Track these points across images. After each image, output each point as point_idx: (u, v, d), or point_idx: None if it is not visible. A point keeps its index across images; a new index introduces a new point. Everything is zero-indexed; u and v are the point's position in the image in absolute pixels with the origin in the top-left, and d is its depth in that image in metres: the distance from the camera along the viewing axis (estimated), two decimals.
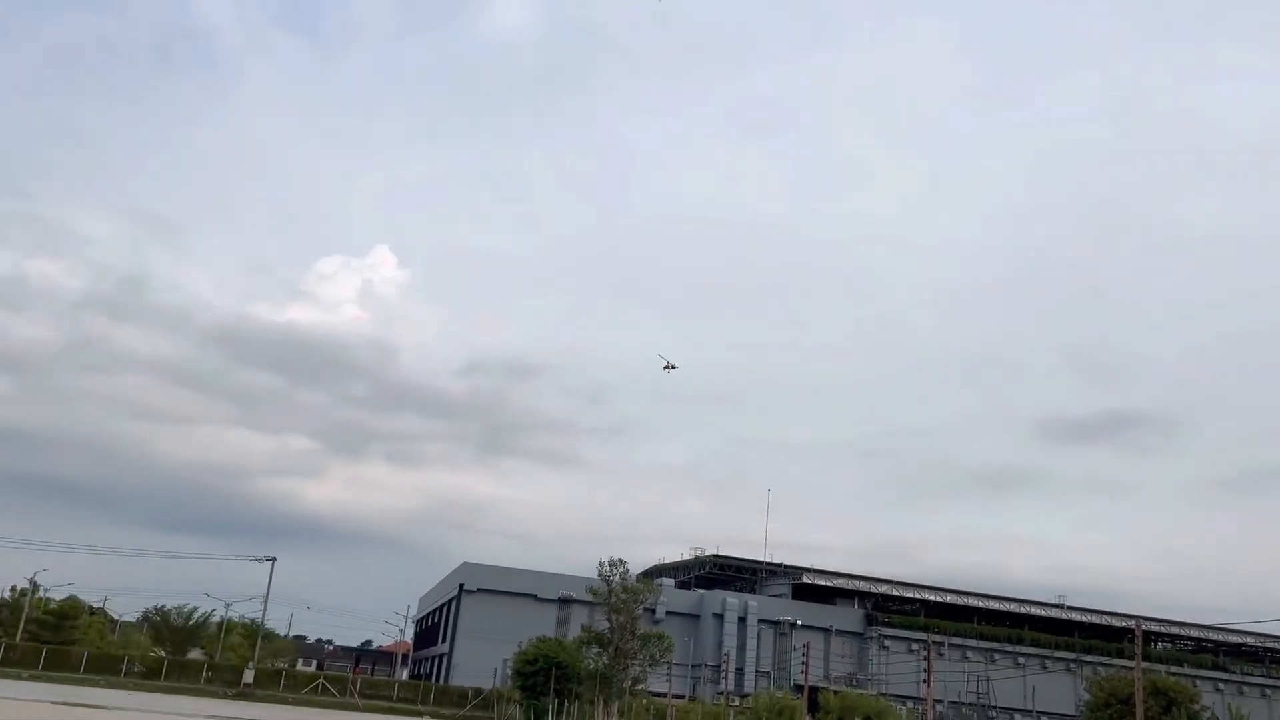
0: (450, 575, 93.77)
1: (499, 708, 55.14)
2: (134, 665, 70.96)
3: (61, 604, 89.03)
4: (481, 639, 79.72)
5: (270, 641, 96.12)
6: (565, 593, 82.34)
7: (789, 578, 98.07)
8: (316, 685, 72.01)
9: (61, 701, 32.51)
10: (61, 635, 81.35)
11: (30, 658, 69.57)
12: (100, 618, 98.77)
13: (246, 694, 60.86)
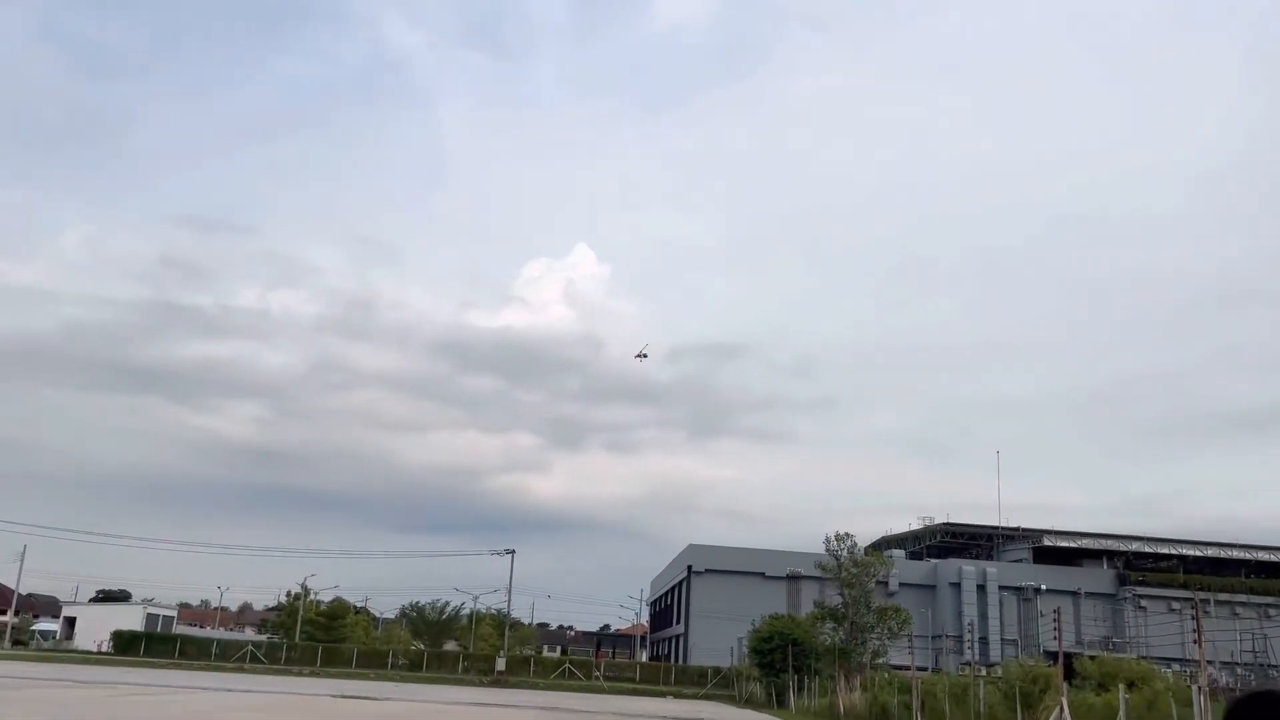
0: (678, 558, 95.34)
1: (739, 685, 55.63)
2: (398, 659, 76.27)
3: (330, 605, 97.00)
4: (714, 619, 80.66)
5: (516, 630, 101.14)
6: (793, 569, 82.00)
7: (1028, 541, 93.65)
8: (563, 669, 75.07)
9: (340, 695, 35.41)
10: (333, 634, 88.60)
11: (308, 655, 76.12)
12: (364, 616, 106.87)
13: (500, 680, 64.22)
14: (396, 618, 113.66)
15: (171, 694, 31.06)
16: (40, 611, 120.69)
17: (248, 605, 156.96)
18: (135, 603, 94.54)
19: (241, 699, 30.26)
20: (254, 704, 28.12)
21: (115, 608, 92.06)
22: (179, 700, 28.05)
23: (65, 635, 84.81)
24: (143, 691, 31.17)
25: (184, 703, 27.01)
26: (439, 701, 35.48)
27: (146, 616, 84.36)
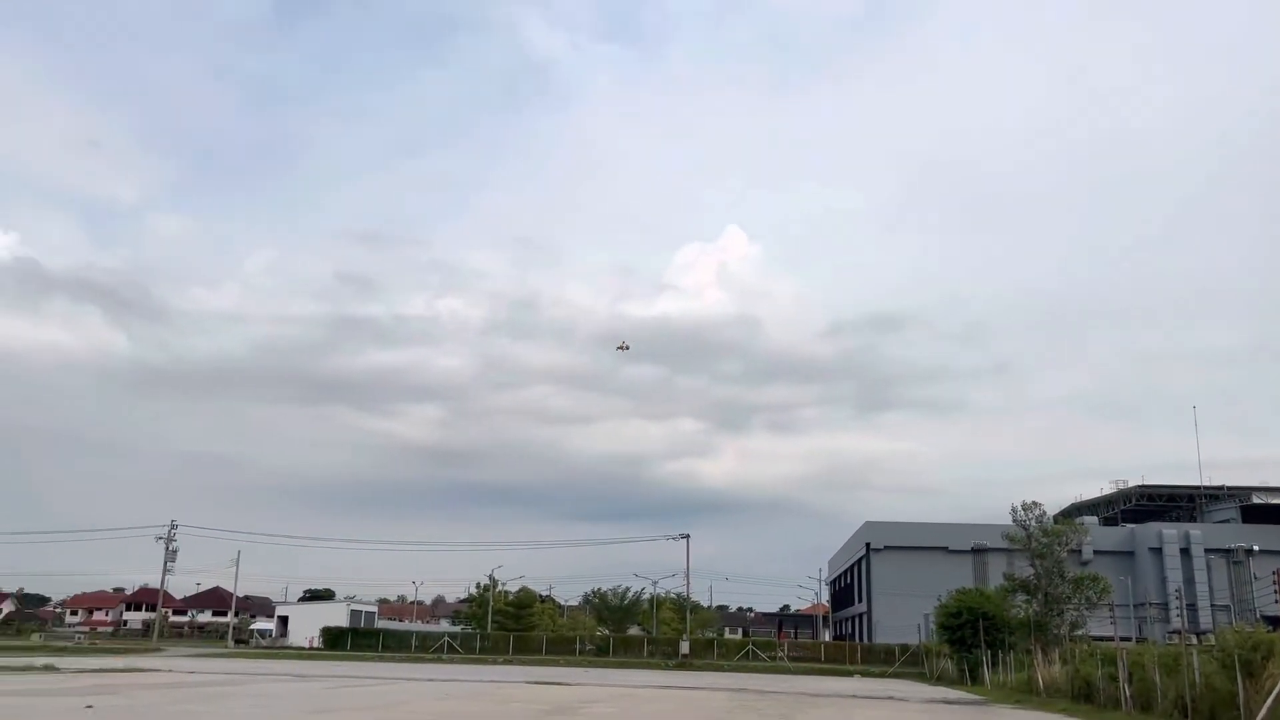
0: (854, 536, 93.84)
1: (929, 662, 54.30)
2: (585, 644, 78.24)
3: (517, 595, 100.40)
4: (897, 595, 79.01)
5: (697, 613, 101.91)
6: (978, 542, 79.31)
7: (1234, 500, 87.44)
8: (746, 651, 75.22)
9: (534, 681, 36.67)
10: (522, 622, 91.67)
11: (500, 644, 79.06)
12: (550, 605, 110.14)
13: (686, 663, 64.93)
14: (580, 605, 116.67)
15: (380, 684, 32.89)
16: (256, 611, 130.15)
17: (440, 598, 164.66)
18: (339, 600, 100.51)
19: (443, 688, 31.74)
20: (455, 692, 29.42)
21: (322, 606, 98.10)
22: (387, 690, 29.67)
23: (280, 633, 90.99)
24: (354, 683, 33.12)
25: (392, 692, 28.55)
26: (629, 685, 36.20)
27: (351, 613, 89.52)
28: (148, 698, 24.02)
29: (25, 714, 18.69)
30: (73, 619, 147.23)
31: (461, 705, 23.94)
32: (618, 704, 25.77)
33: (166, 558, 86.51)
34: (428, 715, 20.82)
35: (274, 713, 20.52)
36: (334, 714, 20.45)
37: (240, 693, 26.91)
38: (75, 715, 18.37)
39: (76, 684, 28.93)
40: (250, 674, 38.78)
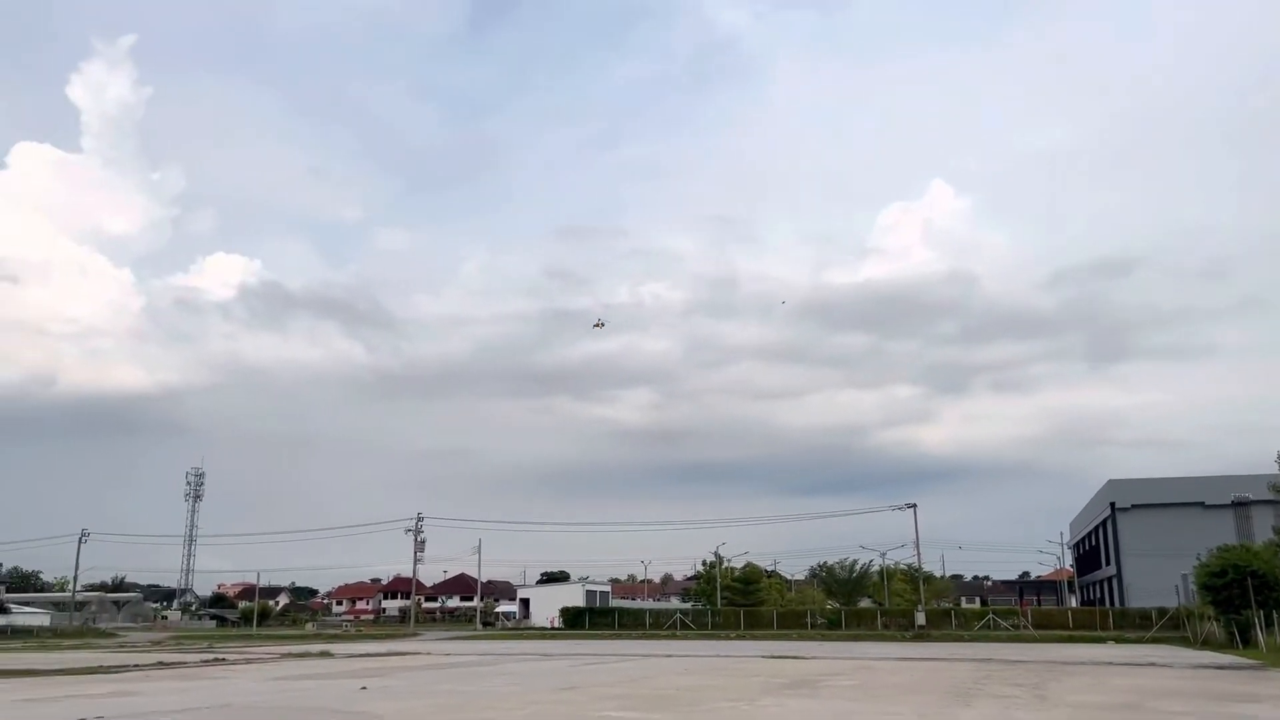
0: (1097, 496, 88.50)
1: (1192, 626, 50.50)
2: (816, 618, 77.79)
3: (743, 571, 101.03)
4: (1149, 556, 73.88)
5: (930, 583, 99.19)
6: (1239, 495, 73.01)
7: None
8: (986, 620, 72.54)
9: (769, 655, 36.84)
10: (750, 598, 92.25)
11: (731, 619, 79.85)
12: (776, 579, 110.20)
13: (923, 634, 63.36)
14: (807, 579, 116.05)
15: (621, 661, 34.00)
16: (499, 595, 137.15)
17: (669, 576, 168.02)
18: (574, 582, 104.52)
19: (682, 663, 32.44)
20: (694, 667, 30.00)
21: (559, 588, 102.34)
22: (629, 666, 30.64)
23: (522, 615, 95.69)
24: (597, 661, 34.39)
25: (634, 668, 29.46)
26: (866, 657, 35.75)
27: (586, 593, 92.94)
28: (413, 679, 25.88)
29: (314, 694, 20.58)
30: (338, 609, 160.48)
31: (703, 680, 24.39)
32: (858, 676, 25.51)
33: (416, 548, 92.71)
34: (672, 689, 21.35)
35: (528, 689, 21.64)
36: (583, 690, 21.33)
37: (494, 672, 28.52)
38: (353, 696, 20.05)
39: (349, 667, 31.54)
40: (500, 654, 41.01)
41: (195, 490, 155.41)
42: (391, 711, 16.65)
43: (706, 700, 18.52)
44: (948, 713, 16.29)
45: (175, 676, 27.27)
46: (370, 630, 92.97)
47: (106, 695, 20.46)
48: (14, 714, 16.64)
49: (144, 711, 16.90)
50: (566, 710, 16.77)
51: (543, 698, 19.46)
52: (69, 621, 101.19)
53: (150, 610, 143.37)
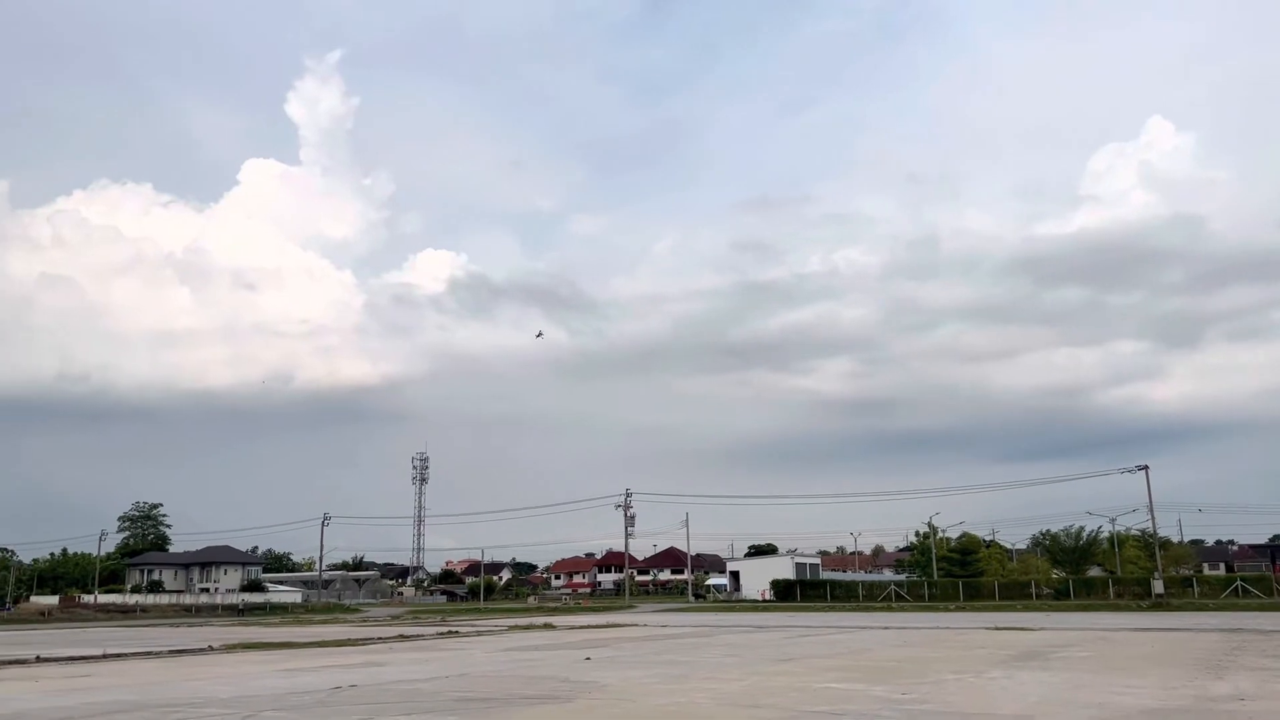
0: None
1: None
2: (1040, 589, 74.33)
3: (959, 541, 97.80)
4: None
5: (1167, 549, 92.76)
6: None
7: None
8: (1234, 588, 67.11)
9: (993, 627, 35.52)
10: (968, 568, 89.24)
11: (949, 591, 77.50)
12: (995, 549, 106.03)
13: (1161, 604, 59.40)
14: (1029, 548, 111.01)
15: (836, 633, 33.69)
16: (708, 568, 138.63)
17: (880, 548, 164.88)
18: (783, 554, 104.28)
19: (900, 635, 31.79)
20: (913, 639, 29.34)
21: (769, 560, 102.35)
22: (845, 638, 30.32)
23: (733, 588, 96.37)
24: (812, 633, 34.23)
25: (850, 640, 29.13)
26: (1099, 628, 33.86)
27: (795, 565, 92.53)
28: (634, 650, 26.60)
29: (542, 665, 21.53)
30: (557, 582, 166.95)
31: (924, 651, 23.83)
32: (1093, 647, 24.20)
33: (626, 524, 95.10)
34: (892, 661, 20.97)
35: (746, 660, 21.81)
36: (801, 661, 21.29)
37: (711, 643, 28.91)
38: (579, 666, 20.82)
39: (571, 639, 32.77)
40: (714, 626, 41.51)
41: (421, 473, 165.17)
42: (617, 681, 17.18)
43: (931, 672, 18.07)
44: (1196, 684, 15.21)
45: (415, 648, 29.18)
46: (588, 603, 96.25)
47: (357, 665, 22.15)
48: (280, 681, 18.28)
49: (392, 680, 18.18)
50: (787, 681, 16.78)
51: (762, 669, 19.56)
52: (317, 598, 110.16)
53: (387, 586, 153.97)
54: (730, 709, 13.32)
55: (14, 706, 14.54)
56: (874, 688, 15.47)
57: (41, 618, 74.25)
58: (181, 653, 28.39)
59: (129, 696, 15.80)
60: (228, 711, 13.46)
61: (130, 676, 20.21)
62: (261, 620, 65.48)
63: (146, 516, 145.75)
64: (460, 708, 13.69)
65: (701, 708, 13.46)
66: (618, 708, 13.53)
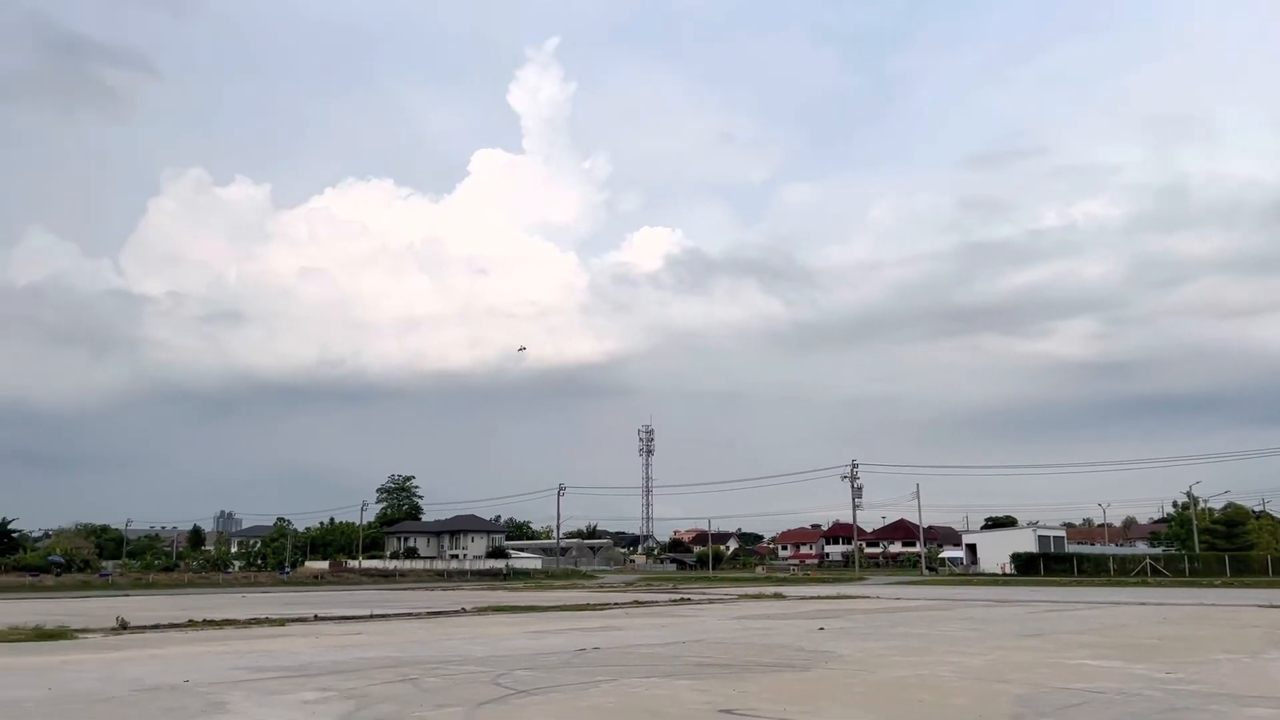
0: None
1: None
2: None
3: (1224, 512, 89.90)
4: None
5: None
6: None
7: None
8: None
9: (1266, 604, 32.52)
10: (1234, 541, 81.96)
11: (1212, 565, 71.54)
12: (1267, 520, 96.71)
13: None
14: None
15: (1087, 609, 31.81)
16: (941, 541, 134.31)
17: (1131, 520, 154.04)
18: (1023, 526, 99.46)
19: (1157, 611, 29.69)
20: (1172, 616, 27.38)
21: (1008, 533, 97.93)
22: (1097, 614, 28.61)
23: (969, 561, 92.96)
24: (1059, 608, 32.54)
25: (1102, 616, 27.46)
26: None
27: (1038, 538, 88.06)
28: (867, 621, 26.23)
29: (775, 633, 21.64)
30: (783, 553, 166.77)
31: (1187, 629, 22.16)
32: None
33: (853, 494, 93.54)
34: (1151, 639, 19.65)
35: (987, 634, 21.04)
36: (1049, 637, 20.31)
37: (949, 617, 28.06)
38: (812, 635, 20.77)
39: (802, 609, 32.70)
40: (951, 599, 40.23)
41: (647, 445, 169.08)
42: (853, 651, 17.03)
43: (1198, 651, 16.79)
44: None
45: (650, 614, 30.04)
46: (816, 574, 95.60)
47: (597, 629, 23.06)
48: (529, 643, 19.33)
49: (631, 644, 18.82)
50: (1034, 657, 16.07)
51: (1006, 643, 18.81)
52: (555, 564, 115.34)
53: (620, 554, 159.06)
54: (975, 683, 12.91)
55: (300, 660, 16.15)
56: (1133, 666, 14.55)
57: (315, 580, 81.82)
58: (438, 614, 30.54)
59: (396, 653, 17.18)
60: (484, 669, 14.38)
61: (395, 635, 21.96)
62: (506, 585, 69.35)
63: (401, 488, 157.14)
64: (700, 671, 13.99)
65: (944, 680, 13.12)
66: (856, 678, 13.42)
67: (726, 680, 13.03)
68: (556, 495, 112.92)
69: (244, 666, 14.92)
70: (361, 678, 13.37)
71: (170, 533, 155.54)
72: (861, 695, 11.73)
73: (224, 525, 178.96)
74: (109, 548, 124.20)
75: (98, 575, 75.89)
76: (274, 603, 38.99)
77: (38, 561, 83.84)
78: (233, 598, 46.25)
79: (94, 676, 13.62)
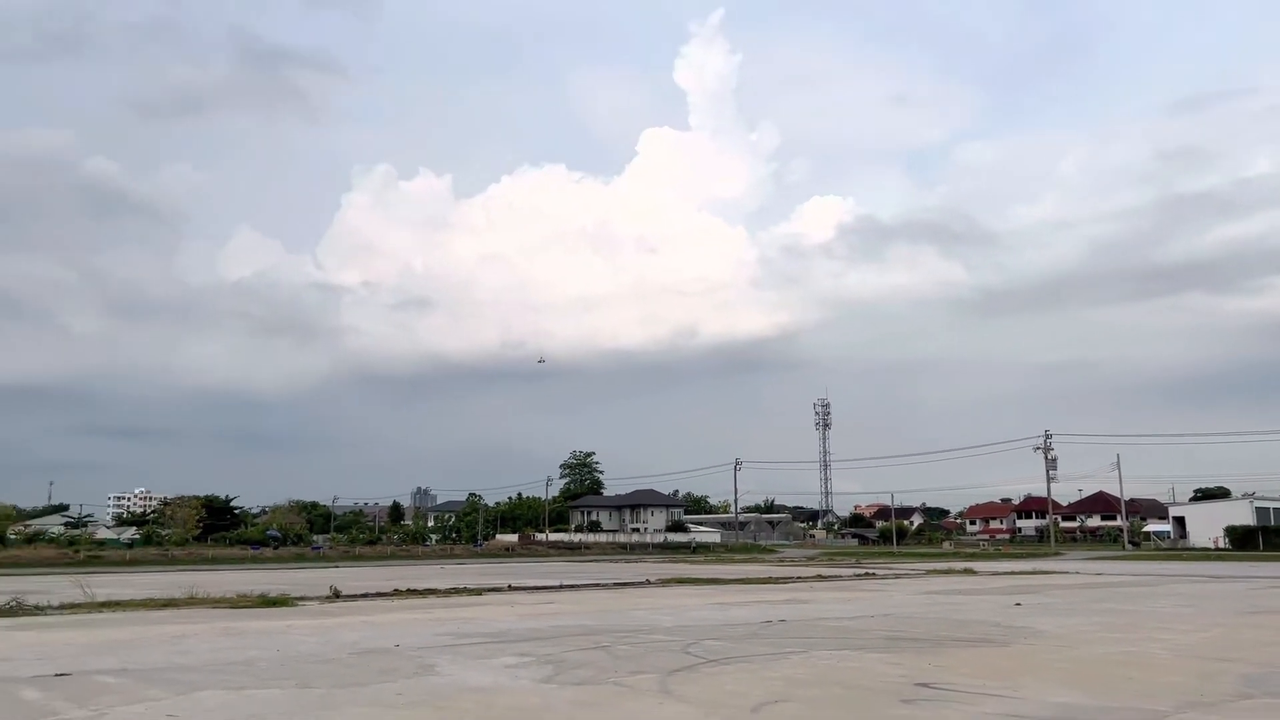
0: None
1: None
2: None
3: None
4: None
5: None
6: None
7: None
8: None
9: None
10: None
11: None
12: None
13: None
14: None
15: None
16: (1145, 514, 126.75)
17: None
18: (1238, 498, 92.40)
19: None
20: None
21: (1220, 504, 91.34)
22: None
23: (1178, 535, 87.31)
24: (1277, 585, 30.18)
25: None
26: None
27: (1255, 510, 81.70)
28: (1067, 597, 25.06)
29: (967, 609, 20.99)
30: (972, 528, 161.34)
31: None
32: None
33: (1047, 466, 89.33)
34: None
35: (1204, 611, 19.72)
36: (1274, 615, 18.85)
37: (1158, 593, 26.48)
38: (1008, 611, 20.02)
39: (995, 584, 31.56)
40: (1158, 575, 37.92)
41: (823, 419, 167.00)
42: (1054, 627, 16.31)
43: None
44: None
45: (834, 588, 29.71)
46: (1008, 549, 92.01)
47: (781, 602, 23.01)
48: (714, 614, 19.50)
49: (817, 617, 18.69)
50: (1259, 635, 14.97)
51: (1225, 620, 17.59)
52: (734, 538, 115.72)
53: (799, 529, 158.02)
54: (1192, 660, 12.14)
55: (498, 627, 16.87)
56: None
57: (506, 553, 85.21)
58: (624, 585, 31.23)
59: (588, 622, 17.70)
60: (673, 639, 14.62)
61: (585, 604, 22.61)
62: (687, 558, 70.13)
63: (582, 464, 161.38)
64: (892, 645, 13.75)
65: (1156, 658, 12.40)
66: (1059, 654, 12.86)
67: (920, 654, 12.74)
68: (733, 470, 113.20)
69: (448, 633, 15.72)
70: (557, 644, 13.84)
71: (372, 508, 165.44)
72: (1066, 672, 11.23)
73: (420, 501, 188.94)
74: (318, 522, 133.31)
75: (310, 548, 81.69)
76: (470, 573, 40.92)
77: (257, 536, 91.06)
78: (432, 569, 48.81)
79: (315, 640, 14.67)
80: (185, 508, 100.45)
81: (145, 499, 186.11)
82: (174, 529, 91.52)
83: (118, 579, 36.38)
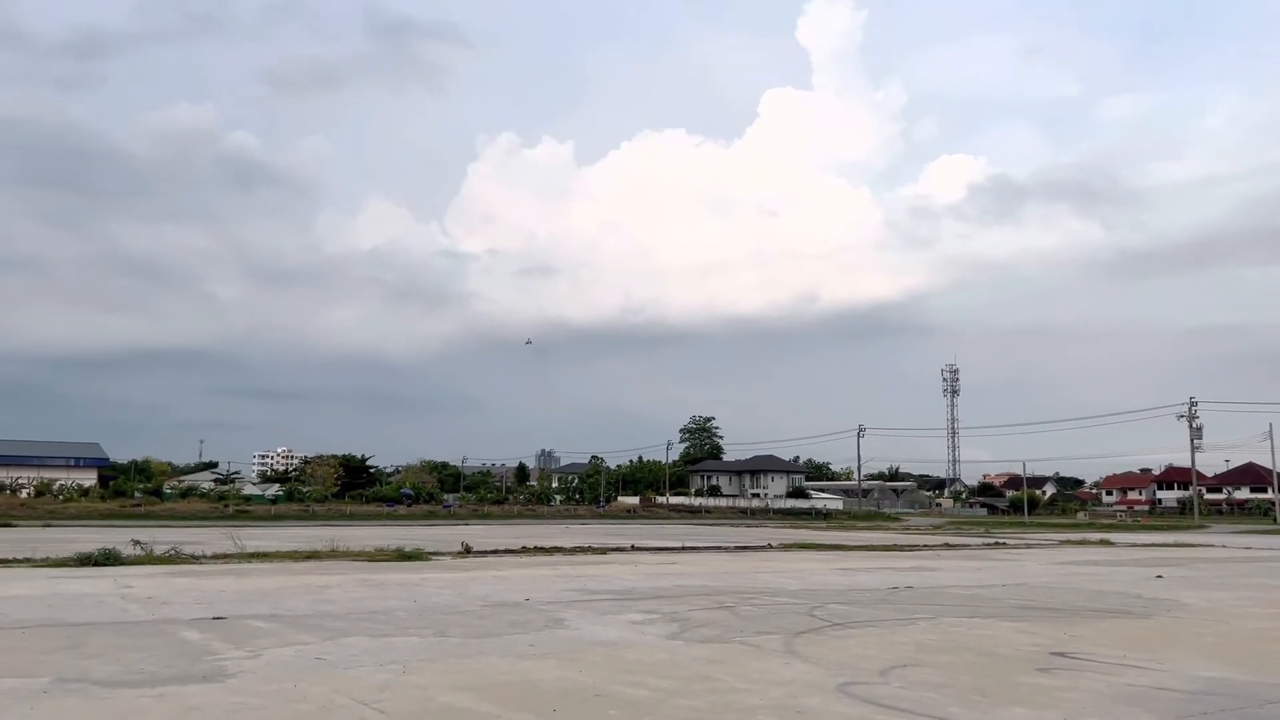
0: None
1: None
2: None
3: None
4: None
5: None
6: None
7: None
8: None
9: None
10: None
11: None
12: None
13: None
14: None
15: None
16: None
17: None
18: None
19: None
20: None
21: None
22: None
23: None
24: None
25: None
26: None
27: None
28: (1214, 570, 23.93)
29: (1105, 580, 20.26)
30: (1108, 499, 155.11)
31: None
32: None
33: (1191, 435, 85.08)
34: None
35: None
36: None
37: None
38: (1149, 584, 19.24)
39: (1134, 556, 30.34)
40: None
41: (951, 386, 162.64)
42: (1200, 601, 15.61)
43: None
44: None
45: (962, 557, 29.08)
46: (1147, 521, 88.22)
47: (908, 569, 22.66)
48: (839, 579, 19.37)
49: (946, 585, 18.35)
50: None
51: None
52: (857, 505, 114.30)
53: (925, 497, 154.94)
54: None
55: (623, 584, 17.17)
56: None
57: (627, 514, 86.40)
58: (745, 549, 31.30)
59: (711, 583, 17.83)
60: (797, 601, 14.59)
61: (707, 566, 22.77)
62: (809, 523, 69.70)
63: (702, 429, 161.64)
64: (1024, 614, 13.41)
65: None
66: (1205, 627, 12.31)
67: (1055, 624, 12.39)
68: (856, 436, 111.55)
69: (574, 589, 16.08)
70: (681, 603, 14.00)
71: (499, 469, 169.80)
72: (1213, 645, 10.75)
73: (545, 462, 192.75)
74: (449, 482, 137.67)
75: (441, 506, 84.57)
76: (594, 534, 41.68)
77: (392, 494, 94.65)
78: (557, 528, 49.92)
79: (449, 593, 15.22)
80: (324, 466, 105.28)
81: (287, 457, 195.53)
82: (314, 486, 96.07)
83: (263, 532, 38.48)
